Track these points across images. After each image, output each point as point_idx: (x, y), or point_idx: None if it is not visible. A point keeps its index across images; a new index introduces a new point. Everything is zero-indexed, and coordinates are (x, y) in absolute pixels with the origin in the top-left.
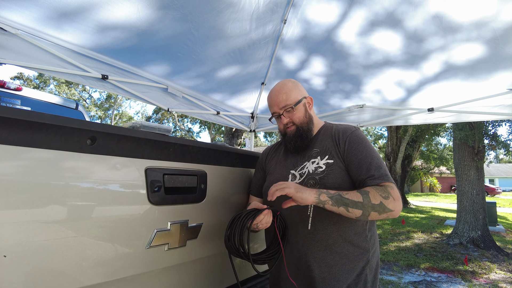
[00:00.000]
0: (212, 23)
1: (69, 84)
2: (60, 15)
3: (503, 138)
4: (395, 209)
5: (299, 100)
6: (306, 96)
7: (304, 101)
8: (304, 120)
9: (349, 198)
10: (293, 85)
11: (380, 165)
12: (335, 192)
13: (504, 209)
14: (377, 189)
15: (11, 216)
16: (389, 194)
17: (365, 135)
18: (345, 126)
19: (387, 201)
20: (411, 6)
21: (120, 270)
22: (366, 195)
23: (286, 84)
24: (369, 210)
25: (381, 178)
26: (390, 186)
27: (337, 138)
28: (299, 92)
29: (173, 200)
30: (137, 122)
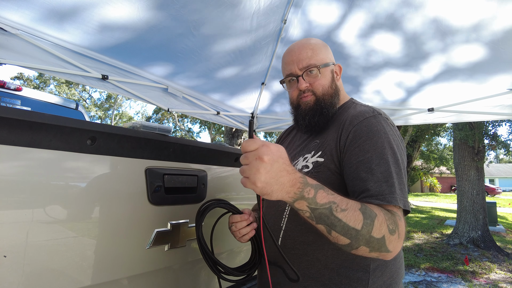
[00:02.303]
0: (213, 23)
1: (69, 84)
2: (60, 15)
3: (503, 138)
4: (393, 251)
5: (327, 63)
6: (335, 63)
7: (332, 68)
8: (328, 91)
9: (342, 220)
10: (323, 44)
11: (389, 174)
12: (328, 199)
13: (504, 209)
14: (386, 215)
15: (11, 216)
16: (397, 227)
17: (386, 126)
18: (361, 110)
19: (391, 237)
20: (411, 8)
21: (120, 270)
22: (370, 220)
23: (315, 40)
24: (360, 243)
25: (385, 199)
26: (397, 215)
27: (342, 126)
28: (329, 54)
29: (173, 200)
30: (137, 122)
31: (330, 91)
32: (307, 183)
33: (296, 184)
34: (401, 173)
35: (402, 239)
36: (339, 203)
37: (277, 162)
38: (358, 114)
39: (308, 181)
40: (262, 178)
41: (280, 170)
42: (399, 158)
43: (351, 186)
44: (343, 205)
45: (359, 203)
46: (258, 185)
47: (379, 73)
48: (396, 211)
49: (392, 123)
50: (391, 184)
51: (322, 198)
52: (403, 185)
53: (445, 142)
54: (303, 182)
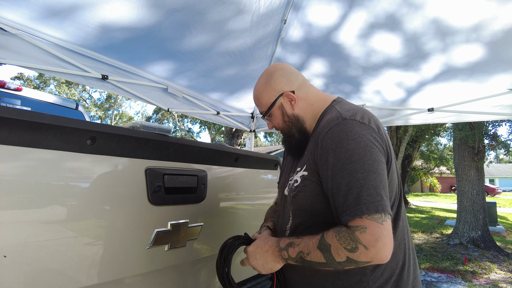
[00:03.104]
0: (213, 23)
1: (69, 84)
2: (60, 14)
3: (503, 138)
4: (375, 259)
5: (272, 103)
6: (284, 91)
7: (280, 102)
8: (283, 126)
9: (312, 260)
10: (265, 82)
11: (350, 189)
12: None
13: (504, 209)
14: (341, 237)
15: (11, 216)
16: (357, 242)
17: (351, 130)
18: (328, 119)
19: (355, 254)
20: (411, 9)
21: (120, 270)
22: (327, 252)
23: (259, 82)
24: (339, 267)
25: (348, 214)
26: (360, 227)
27: (316, 139)
28: (271, 91)
29: (173, 200)
30: (137, 122)
31: (284, 125)
32: (281, 248)
33: (275, 255)
34: (369, 175)
35: (374, 246)
36: (303, 250)
37: (258, 254)
38: (324, 125)
39: (281, 246)
40: (259, 264)
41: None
42: (363, 159)
43: (330, 202)
44: (306, 249)
45: (318, 238)
46: (259, 268)
47: (379, 73)
48: (359, 224)
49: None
50: (356, 196)
51: (293, 252)
52: (372, 186)
53: (445, 142)
54: (278, 251)
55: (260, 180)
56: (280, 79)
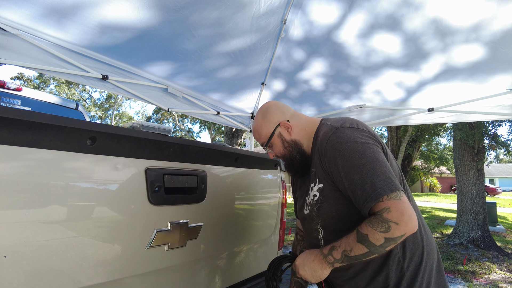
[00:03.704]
0: (213, 23)
1: (69, 84)
2: (60, 15)
3: (503, 138)
4: (407, 230)
5: (272, 133)
6: (280, 121)
7: (278, 131)
8: (284, 152)
9: (357, 254)
10: (263, 117)
11: (364, 180)
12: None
13: (504, 209)
14: (373, 224)
15: (11, 216)
16: (388, 221)
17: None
18: (323, 133)
19: (389, 232)
20: (410, 9)
21: (120, 270)
22: (367, 241)
23: (257, 119)
24: (381, 250)
25: (370, 200)
26: (385, 209)
27: (319, 154)
28: (270, 124)
29: (173, 200)
30: (137, 122)
31: (286, 151)
32: (325, 254)
33: (321, 262)
34: (372, 164)
35: (402, 219)
36: (346, 248)
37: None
38: (322, 139)
39: (325, 252)
40: (308, 274)
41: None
42: (365, 153)
43: (354, 201)
44: (348, 247)
45: (354, 234)
46: (309, 278)
47: (379, 73)
48: (382, 206)
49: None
50: (370, 184)
51: (337, 254)
52: (381, 172)
53: (445, 142)
54: (323, 258)
55: (260, 180)
56: (275, 112)
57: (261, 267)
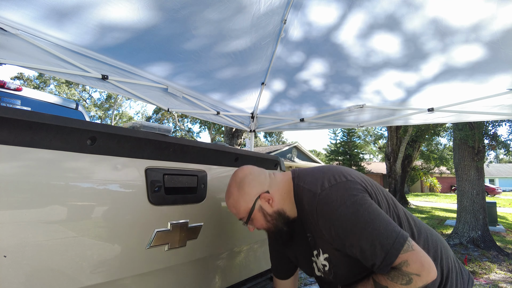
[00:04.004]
0: (212, 23)
1: (69, 84)
2: (60, 15)
3: (503, 138)
4: (429, 279)
5: (251, 208)
6: (259, 193)
7: (258, 204)
8: (267, 225)
9: None
10: (239, 191)
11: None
12: None
13: (504, 209)
14: (393, 277)
15: (11, 216)
16: (408, 275)
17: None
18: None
19: (411, 284)
20: (410, 9)
21: (120, 270)
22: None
23: (232, 194)
24: None
25: (386, 265)
26: (403, 263)
27: (312, 223)
28: (247, 197)
29: (173, 200)
30: (137, 122)
31: (268, 224)
32: None
33: None
34: (375, 222)
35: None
36: None
37: None
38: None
39: None
40: None
41: None
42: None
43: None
44: None
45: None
46: None
47: (379, 73)
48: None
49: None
50: (380, 246)
51: None
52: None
53: (445, 142)
54: None
55: None
56: (253, 183)
57: (261, 267)
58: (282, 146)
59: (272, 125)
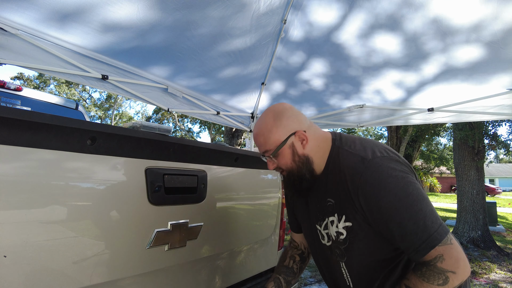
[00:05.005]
0: (212, 23)
1: (69, 84)
2: (60, 15)
3: (503, 138)
4: (464, 277)
5: (283, 141)
6: (296, 130)
7: (291, 141)
8: (292, 166)
9: None
10: (275, 120)
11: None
12: None
13: (504, 209)
14: (428, 277)
15: (11, 216)
16: (444, 272)
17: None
18: (352, 166)
19: (448, 284)
20: (411, 9)
21: (120, 270)
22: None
23: (266, 121)
24: None
25: (425, 244)
26: (438, 257)
27: (348, 189)
28: (283, 130)
29: (173, 200)
30: (137, 122)
31: (294, 165)
32: None
33: None
34: (420, 204)
35: (458, 267)
36: None
37: None
38: (353, 173)
39: None
40: None
41: None
42: (408, 190)
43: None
44: None
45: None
46: None
47: (379, 73)
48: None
49: (384, 154)
50: (423, 227)
51: None
52: (430, 213)
53: (445, 142)
54: None
55: (260, 180)
56: (292, 118)
57: (261, 267)
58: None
59: None
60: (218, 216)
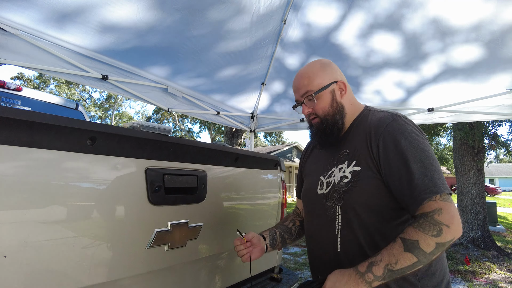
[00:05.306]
0: (212, 23)
1: (69, 84)
2: (60, 16)
3: (503, 138)
4: (456, 235)
5: (326, 85)
6: (337, 80)
7: (333, 87)
8: (329, 111)
9: (402, 267)
10: (321, 67)
11: (424, 173)
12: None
13: (504, 209)
14: (424, 227)
15: (11, 216)
16: (440, 224)
17: (407, 124)
18: (380, 117)
19: (441, 236)
20: (410, 9)
21: (120, 270)
22: (416, 249)
23: (313, 66)
24: (429, 258)
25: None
26: (436, 210)
27: (369, 136)
28: (327, 76)
29: (173, 200)
30: (137, 122)
31: (330, 111)
32: (362, 273)
33: (357, 282)
34: (432, 161)
35: (452, 222)
36: (390, 261)
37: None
38: (379, 122)
39: (361, 270)
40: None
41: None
42: (426, 149)
43: (399, 189)
44: (393, 259)
45: (399, 243)
46: None
47: (379, 73)
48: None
49: (410, 120)
50: (431, 177)
51: (378, 270)
52: (438, 170)
53: (445, 142)
54: (360, 277)
55: (260, 180)
56: (336, 69)
57: (261, 267)
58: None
59: (272, 125)
60: (218, 216)
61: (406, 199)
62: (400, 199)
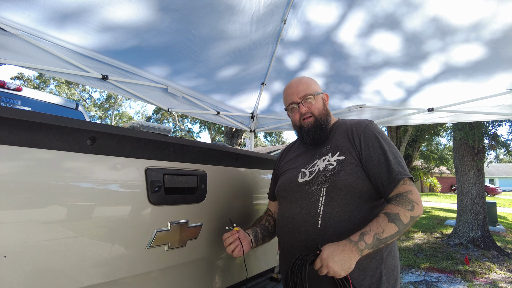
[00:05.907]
0: (212, 23)
1: (69, 84)
2: (60, 16)
3: (503, 138)
4: (420, 212)
5: (319, 92)
6: (323, 92)
7: (322, 96)
8: (322, 112)
9: (388, 236)
10: (312, 79)
11: (398, 161)
12: (372, 236)
13: (504, 209)
14: (401, 203)
15: (11, 216)
16: (412, 202)
17: (380, 129)
18: (358, 121)
19: (414, 211)
20: (410, 8)
21: (120, 270)
22: (398, 221)
23: (305, 77)
24: (405, 229)
25: (404, 174)
26: (408, 191)
27: (351, 133)
28: (317, 87)
29: (173, 200)
30: (137, 122)
31: (324, 112)
32: (355, 241)
33: (351, 250)
34: (400, 155)
35: (419, 202)
36: (377, 231)
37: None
38: (359, 122)
39: (354, 239)
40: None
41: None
42: (395, 146)
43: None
44: (380, 229)
45: (384, 217)
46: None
47: (379, 73)
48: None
49: None
50: (403, 165)
51: (369, 238)
52: (404, 162)
53: (445, 142)
54: (353, 245)
55: (260, 180)
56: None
57: (261, 267)
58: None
59: (272, 125)
60: (218, 216)
61: (384, 180)
62: (377, 181)
